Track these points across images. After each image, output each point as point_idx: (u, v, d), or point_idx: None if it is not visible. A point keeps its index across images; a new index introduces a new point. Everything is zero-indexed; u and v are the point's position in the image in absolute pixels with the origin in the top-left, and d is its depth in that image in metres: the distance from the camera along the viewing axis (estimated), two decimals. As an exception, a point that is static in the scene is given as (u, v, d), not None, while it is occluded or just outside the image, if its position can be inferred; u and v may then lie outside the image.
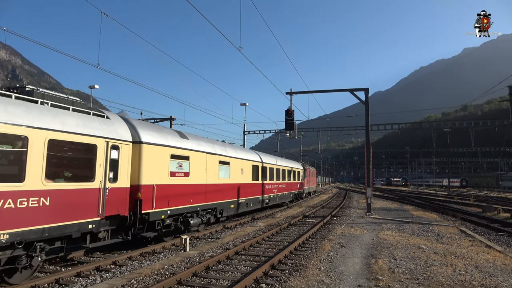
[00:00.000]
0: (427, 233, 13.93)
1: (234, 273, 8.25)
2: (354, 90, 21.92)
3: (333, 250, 10.51)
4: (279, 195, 25.66)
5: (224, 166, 16.13)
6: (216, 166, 15.16)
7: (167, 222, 11.63)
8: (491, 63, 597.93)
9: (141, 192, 10.28)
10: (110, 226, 9.40)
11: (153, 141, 11.01)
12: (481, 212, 23.60)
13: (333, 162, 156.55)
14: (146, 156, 10.59)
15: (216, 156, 15.26)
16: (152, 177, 10.78)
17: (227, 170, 16.45)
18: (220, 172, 15.52)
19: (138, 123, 11.07)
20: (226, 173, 16.24)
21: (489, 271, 8.15)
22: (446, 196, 47.47)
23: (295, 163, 33.50)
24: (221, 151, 15.87)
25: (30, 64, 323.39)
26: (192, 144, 13.32)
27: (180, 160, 12.31)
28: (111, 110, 16.25)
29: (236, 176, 17.45)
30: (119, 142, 9.61)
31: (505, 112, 40.90)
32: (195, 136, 14.77)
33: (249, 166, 19.56)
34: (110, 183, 9.20)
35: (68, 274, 7.95)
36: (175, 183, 11.93)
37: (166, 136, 11.91)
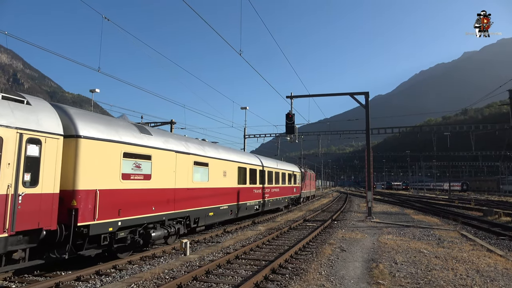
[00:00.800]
0: (428, 237, 13.89)
1: (234, 277, 8.23)
2: (355, 94, 21.96)
3: (333, 254, 10.48)
4: (272, 200, 23.87)
5: (201, 168, 14.05)
6: (190, 167, 13.01)
7: (120, 236, 9.68)
8: (491, 66, 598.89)
9: (77, 199, 8.26)
10: (28, 244, 7.55)
11: (98, 135, 8.99)
12: (482, 216, 23.55)
13: (333, 166, 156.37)
14: (85, 153, 8.55)
15: (190, 156, 13.14)
16: (95, 180, 8.76)
17: (205, 173, 14.39)
18: (195, 174, 13.46)
19: (77, 113, 9.03)
20: (203, 175, 14.25)
21: (490, 275, 8.12)
22: (447, 200, 47.39)
23: (292, 166, 31.90)
24: (196, 150, 13.78)
25: (31, 68, 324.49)
26: (156, 141, 11.28)
27: (137, 160, 10.24)
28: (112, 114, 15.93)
29: (216, 179, 15.40)
30: (41, 135, 7.71)
31: (505, 116, 40.95)
32: (162, 132, 12.88)
33: (233, 168, 17.39)
34: (26, 187, 7.35)
35: (68, 278, 7.92)
36: (130, 187, 9.89)
37: (118, 130, 9.86)
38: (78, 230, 8.32)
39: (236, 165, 17.76)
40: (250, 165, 19.93)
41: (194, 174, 13.38)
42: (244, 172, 18.97)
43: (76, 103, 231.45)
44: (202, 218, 13.99)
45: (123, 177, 9.67)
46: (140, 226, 10.44)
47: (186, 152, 12.90)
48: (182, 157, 12.62)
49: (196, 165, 13.60)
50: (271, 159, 26.64)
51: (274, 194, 24.22)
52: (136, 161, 10.24)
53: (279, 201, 25.63)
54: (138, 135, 10.59)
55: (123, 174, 9.69)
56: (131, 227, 10.08)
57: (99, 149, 9.00)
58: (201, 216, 13.81)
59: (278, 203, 25.51)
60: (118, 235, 9.55)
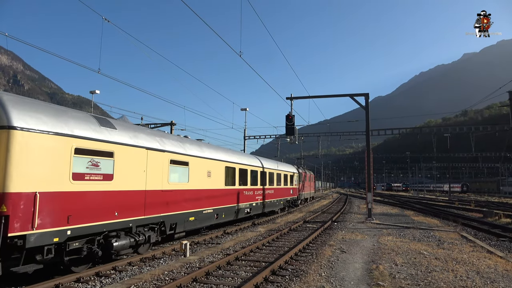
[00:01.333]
0: (428, 239, 13.88)
1: (234, 278, 8.22)
2: (355, 95, 21.99)
3: (333, 255, 10.47)
4: (266, 203, 22.29)
5: (180, 168, 12.49)
6: (165, 166, 11.48)
7: (73, 246, 8.15)
8: (491, 68, 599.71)
9: (7, 204, 6.83)
10: None
11: (40, 127, 7.55)
12: (482, 217, 23.54)
13: (333, 167, 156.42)
14: (21, 148, 7.13)
15: (166, 154, 11.55)
16: (34, 181, 7.31)
17: (185, 173, 12.83)
18: (172, 174, 11.90)
19: (12, 99, 7.55)
20: (183, 176, 12.73)
21: (490, 276, 8.11)
22: (447, 201, 47.38)
23: (289, 166, 30.53)
24: (174, 147, 12.23)
25: (31, 70, 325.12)
26: (120, 136, 9.78)
27: (95, 157, 8.74)
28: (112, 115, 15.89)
29: (199, 180, 13.82)
30: None
31: (505, 117, 41.00)
32: (131, 126, 11.16)
33: (220, 168, 15.80)
34: None
35: (67, 279, 7.92)
36: (83, 189, 8.37)
37: (69, 121, 8.29)
38: (11, 241, 6.84)
39: (223, 164, 16.14)
40: (241, 164, 18.29)
41: (170, 174, 11.79)
42: (233, 172, 17.33)
43: (76, 104, 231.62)
44: (181, 223, 12.38)
45: (74, 178, 8.12)
46: (99, 235, 8.93)
47: (160, 149, 11.30)
48: (155, 155, 11.03)
49: (173, 164, 11.98)
50: (266, 159, 25.38)
51: (268, 196, 22.72)
52: (93, 159, 8.72)
53: (274, 203, 24.17)
54: (97, 128, 9.07)
55: (75, 174, 8.15)
56: (87, 236, 8.57)
57: (40, 143, 7.50)
58: (179, 221, 12.22)
59: (273, 206, 24.11)
60: (69, 245, 8.02)
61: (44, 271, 8.37)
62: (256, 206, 20.48)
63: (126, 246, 9.58)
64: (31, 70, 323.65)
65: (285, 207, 27.89)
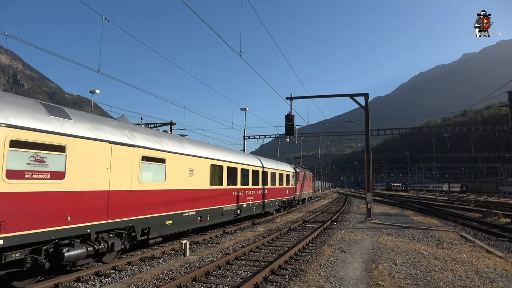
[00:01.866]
0: (428, 239, 13.90)
1: (234, 278, 8.23)
2: (354, 95, 22.00)
3: (333, 255, 10.48)
4: (258, 204, 20.85)
5: (155, 165, 11.11)
6: (136, 164, 10.07)
7: (12, 258, 6.93)
8: (490, 68, 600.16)
9: None
10: None
11: None
12: (482, 217, 23.56)
13: (333, 167, 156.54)
14: None
15: (136, 149, 10.19)
16: None
17: (161, 171, 11.43)
18: (144, 173, 10.51)
19: None
20: (158, 174, 11.33)
21: (489, 276, 8.13)
22: (446, 201, 47.41)
23: (284, 165, 28.74)
24: (146, 141, 10.78)
25: (31, 69, 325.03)
26: (75, 127, 8.37)
27: (40, 152, 7.40)
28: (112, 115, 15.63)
29: (179, 179, 12.41)
30: None
31: (504, 117, 41.06)
32: (92, 116, 9.73)
33: (204, 166, 14.35)
34: None
35: (67, 279, 7.92)
36: (22, 190, 7.02)
37: (4, 109, 6.99)
38: None
39: (208, 162, 14.67)
40: (229, 162, 16.86)
41: (142, 173, 10.39)
42: (220, 171, 15.93)
43: (76, 104, 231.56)
44: (155, 227, 11.01)
45: (9, 176, 6.80)
46: (47, 243, 7.61)
47: (128, 143, 9.91)
48: (122, 150, 9.63)
49: (145, 161, 10.59)
50: (259, 157, 23.92)
51: (261, 196, 21.31)
52: (37, 153, 7.36)
53: (268, 204, 22.74)
54: (44, 118, 7.69)
55: (10, 171, 6.82)
56: (31, 246, 7.28)
57: None
58: (153, 225, 10.84)
59: (267, 207, 22.66)
60: (6, 257, 6.80)
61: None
62: (247, 207, 19.03)
63: (82, 256, 8.19)
64: (31, 70, 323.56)
65: (281, 208, 26.64)
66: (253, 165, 20.34)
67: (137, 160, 10.30)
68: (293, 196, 29.48)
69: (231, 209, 16.89)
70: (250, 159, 20.68)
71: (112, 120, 10.83)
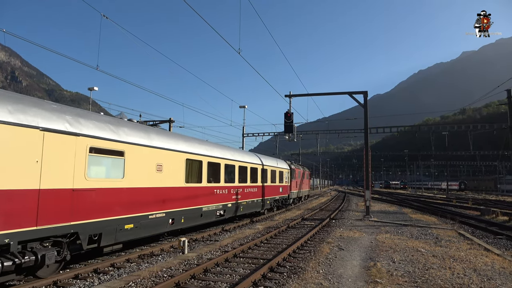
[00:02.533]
0: (426, 236, 13.94)
1: (232, 275, 8.24)
2: (353, 93, 21.99)
3: (331, 253, 10.50)
4: (247, 203, 19.09)
5: (109, 159, 9.33)
6: (81, 156, 8.32)
7: None
8: (489, 66, 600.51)
9: None
10: None
11: None
12: (480, 215, 23.62)
13: (332, 165, 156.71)
14: None
15: (80, 139, 8.37)
16: None
17: (118, 166, 9.64)
18: (93, 168, 8.79)
19: None
20: (114, 170, 9.55)
21: (487, 274, 8.16)
22: (445, 199, 47.51)
23: (278, 161, 26.93)
24: (96, 130, 8.96)
25: (29, 66, 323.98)
26: None
27: None
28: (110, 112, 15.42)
29: (143, 175, 10.56)
30: None
31: (503, 116, 41.14)
32: (16, 96, 7.72)
33: (178, 161, 12.50)
34: None
35: (65, 276, 7.92)
36: None
37: None
38: None
39: (182, 156, 12.81)
40: (210, 157, 14.98)
41: (90, 167, 8.66)
42: (199, 166, 14.15)
43: (75, 101, 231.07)
44: (109, 233, 9.21)
45: None
46: None
47: (70, 132, 8.16)
48: (59, 139, 7.87)
49: (96, 153, 8.83)
50: (249, 152, 22.47)
51: (249, 194, 19.45)
52: None
53: (257, 203, 20.95)
54: None
55: None
56: None
57: None
58: (106, 231, 9.05)
59: (256, 206, 20.79)
60: None
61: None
62: (233, 207, 17.20)
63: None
64: (29, 67, 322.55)
65: (273, 208, 24.95)
66: (241, 160, 18.56)
67: (83, 152, 8.48)
68: (287, 195, 27.93)
69: (212, 210, 15.01)
70: (238, 154, 18.84)
71: (53, 103, 8.80)
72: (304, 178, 37.13)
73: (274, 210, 25.33)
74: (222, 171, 16.17)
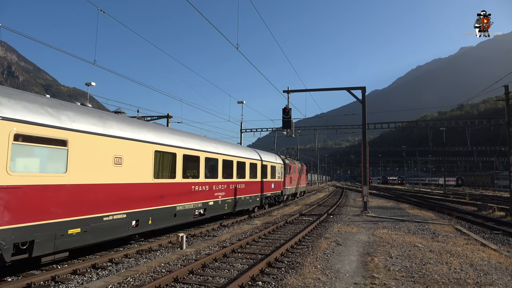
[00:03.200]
0: (423, 232, 14.01)
1: (230, 270, 8.27)
2: (351, 89, 21.98)
3: (329, 248, 10.55)
4: (231, 201, 17.10)
5: (44, 149, 7.61)
6: (1, 145, 6.74)
7: None
8: (487, 62, 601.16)
9: None
10: None
11: None
12: (477, 210, 23.76)
13: (330, 161, 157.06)
14: None
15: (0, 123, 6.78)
16: None
17: (58, 157, 7.89)
18: (20, 160, 7.18)
19: None
20: (51, 162, 7.78)
21: (484, 269, 8.21)
22: (442, 194, 47.74)
23: (269, 155, 24.66)
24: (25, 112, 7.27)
25: (26, 61, 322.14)
26: None
27: None
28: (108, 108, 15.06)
29: (94, 169, 8.78)
30: None
31: (501, 112, 41.22)
32: None
33: (143, 153, 10.71)
34: None
35: (64, 271, 7.93)
36: None
37: None
38: None
39: (150, 148, 11.02)
40: (186, 149, 13.25)
41: (16, 160, 7.02)
42: (172, 159, 12.30)
43: (72, 96, 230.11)
44: (45, 241, 7.46)
45: None
46: None
47: None
48: None
49: (25, 142, 7.18)
50: (235, 145, 20.33)
51: (236, 191, 17.66)
52: None
53: (245, 201, 19.02)
54: None
55: None
56: None
57: None
58: (40, 237, 7.33)
59: (244, 204, 18.91)
60: None
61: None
62: (216, 205, 15.45)
63: None
64: (26, 62, 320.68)
65: (264, 205, 23.04)
66: (226, 154, 16.81)
67: (4, 139, 6.81)
68: (280, 191, 26.11)
69: (189, 209, 13.24)
70: (223, 146, 17.05)
71: None
72: (301, 173, 35.90)
73: (265, 208, 23.55)
74: (202, 165, 14.38)
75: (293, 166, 31.11)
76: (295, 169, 32.05)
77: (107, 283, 7.09)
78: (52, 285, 7.21)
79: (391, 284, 6.96)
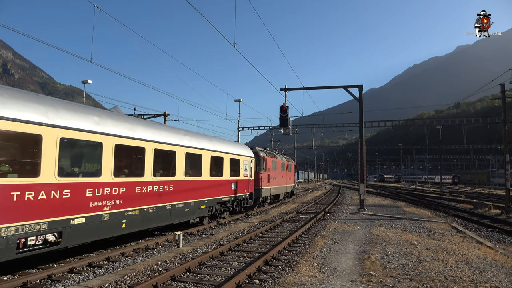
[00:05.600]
0: (419, 229, 14.07)
1: (227, 269, 8.27)
2: (348, 87, 22.00)
3: (326, 246, 10.57)
4: (167, 209, 11.57)
5: None
6: None
7: None
8: (484, 61, 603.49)
9: None
10: None
11: None
12: (473, 208, 23.88)
13: (326, 159, 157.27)
14: None
15: None
16: None
17: None
18: None
19: None
20: None
21: (479, 266, 8.26)
22: (438, 192, 47.94)
23: (233, 146, 18.15)
24: None
25: (21, 58, 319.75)
26: None
27: None
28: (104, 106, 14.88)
29: None
30: None
31: (497, 110, 41.41)
32: None
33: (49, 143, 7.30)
34: None
35: (60, 270, 7.90)
36: None
37: None
38: None
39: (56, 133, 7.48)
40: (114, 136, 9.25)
41: None
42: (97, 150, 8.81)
43: (68, 94, 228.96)
44: None
45: None
46: None
47: None
48: None
49: None
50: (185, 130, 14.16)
51: (174, 194, 12.08)
52: None
53: (187, 209, 12.95)
54: None
55: None
56: None
57: None
58: None
59: (184, 214, 12.86)
60: None
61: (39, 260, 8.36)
62: (138, 216, 10.16)
63: None
64: (21, 59, 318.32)
65: (219, 213, 16.43)
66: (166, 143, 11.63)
67: None
68: (249, 193, 19.83)
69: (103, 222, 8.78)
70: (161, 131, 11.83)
71: None
72: (285, 170, 29.20)
73: (223, 214, 17.12)
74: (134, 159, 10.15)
75: (272, 160, 24.71)
76: (275, 165, 25.79)
77: (104, 282, 7.07)
78: (48, 284, 7.18)
79: (387, 281, 6.99)
